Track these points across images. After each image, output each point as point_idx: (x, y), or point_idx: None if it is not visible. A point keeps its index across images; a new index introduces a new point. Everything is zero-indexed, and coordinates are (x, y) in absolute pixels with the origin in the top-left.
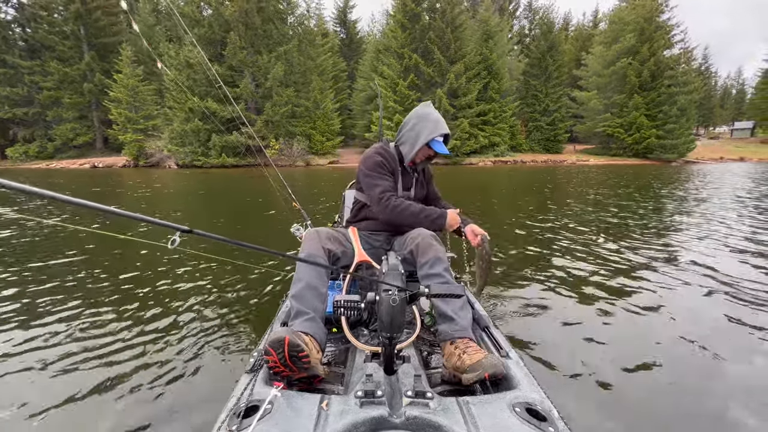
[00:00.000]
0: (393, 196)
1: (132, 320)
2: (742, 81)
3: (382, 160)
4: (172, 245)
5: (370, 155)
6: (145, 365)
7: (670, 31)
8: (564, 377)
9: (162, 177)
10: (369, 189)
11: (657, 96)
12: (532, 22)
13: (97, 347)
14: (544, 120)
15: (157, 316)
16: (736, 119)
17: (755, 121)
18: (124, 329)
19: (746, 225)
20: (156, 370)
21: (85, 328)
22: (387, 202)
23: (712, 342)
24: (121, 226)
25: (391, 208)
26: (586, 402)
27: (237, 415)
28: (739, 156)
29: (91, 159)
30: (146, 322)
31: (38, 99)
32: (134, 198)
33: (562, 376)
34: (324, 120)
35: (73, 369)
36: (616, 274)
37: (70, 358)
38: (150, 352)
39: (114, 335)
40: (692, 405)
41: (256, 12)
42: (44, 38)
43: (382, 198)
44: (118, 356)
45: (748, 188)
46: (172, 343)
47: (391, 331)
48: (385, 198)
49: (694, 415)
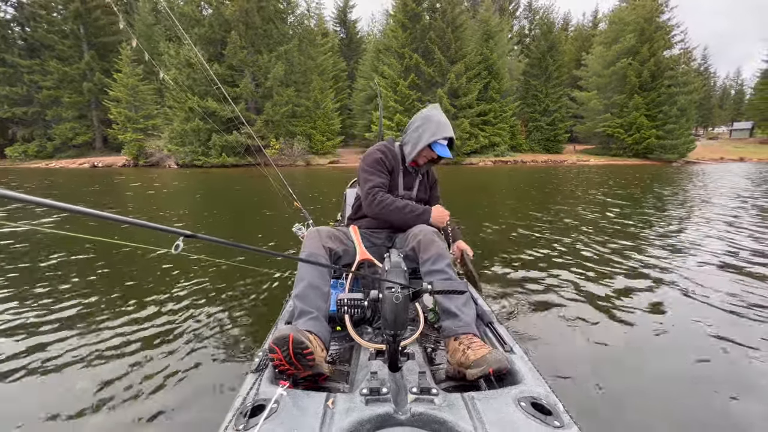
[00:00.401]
0: (380, 192)
1: (136, 323)
2: (741, 81)
3: (382, 157)
4: (175, 250)
5: (371, 152)
6: (150, 367)
7: (670, 31)
8: (568, 371)
9: (162, 177)
10: (361, 185)
11: (657, 96)
12: (532, 22)
13: (103, 350)
14: (544, 120)
15: (161, 319)
16: (735, 120)
17: (754, 121)
18: (129, 332)
19: (753, 226)
20: (162, 372)
21: (90, 331)
22: (373, 198)
23: (716, 340)
24: (120, 231)
25: (377, 203)
26: (591, 395)
27: (244, 414)
28: (739, 156)
29: (90, 158)
30: (151, 324)
31: (37, 98)
32: (136, 198)
33: (567, 370)
34: (324, 120)
35: (79, 371)
36: (619, 272)
37: (76, 360)
38: (155, 354)
39: (119, 337)
40: (697, 399)
41: (256, 11)
42: (43, 37)
43: (369, 193)
44: (124, 358)
45: (753, 189)
46: (177, 344)
47: (395, 329)
48: (372, 194)
49: (698, 409)
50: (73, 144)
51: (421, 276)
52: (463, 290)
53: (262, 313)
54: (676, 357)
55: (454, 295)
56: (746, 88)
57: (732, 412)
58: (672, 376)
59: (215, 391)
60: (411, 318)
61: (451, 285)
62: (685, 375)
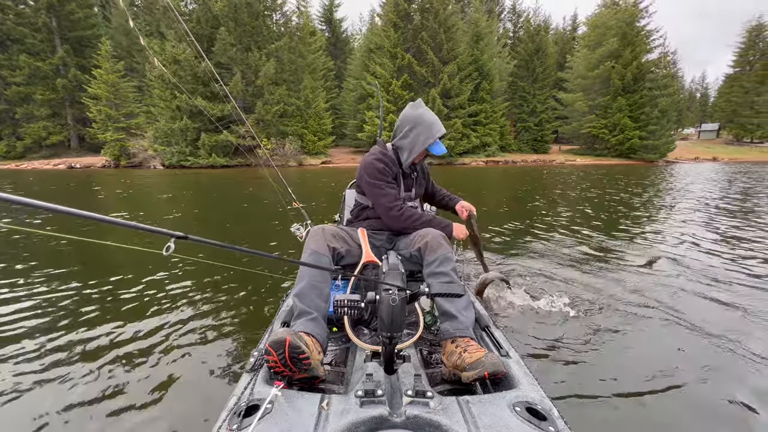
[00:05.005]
0: (404, 205)
1: (130, 323)
2: (706, 85)
3: (384, 167)
4: (166, 252)
5: (372, 162)
6: (143, 367)
7: (649, 35)
8: (564, 377)
9: (148, 178)
10: (376, 198)
11: (639, 98)
12: (516, 24)
13: (95, 350)
14: (531, 121)
15: (154, 319)
16: (703, 121)
17: (720, 123)
18: (121, 332)
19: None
20: (155, 372)
21: (83, 332)
22: (398, 213)
23: (718, 339)
24: (111, 232)
25: (405, 218)
26: (586, 401)
27: (237, 414)
28: (713, 156)
29: (66, 159)
30: (144, 324)
31: (6, 95)
32: (121, 200)
33: (562, 375)
34: (316, 119)
35: (74, 372)
36: (619, 273)
37: (69, 361)
38: (149, 354)
39: (111, 338)
40: (697, 406)
41: (244, 7)
42: (12, 29)
43: (392, 208)
44: (118, 359)
45: (743, 187)
46: (171, 344)
47: (391, 331)
48: (396, 208)
49: (696, 418)
50: (46, 144)
51: (420, 278)
52: (461, 294)
53: (256, 313)
54: (676, 363)
55: (453, 298)
56: (711, 92)
57: (733, 420)
58: (670, 383)
59: (209, 389)
60: (412, 321)
61: (449, 288)
62: (685, 382)
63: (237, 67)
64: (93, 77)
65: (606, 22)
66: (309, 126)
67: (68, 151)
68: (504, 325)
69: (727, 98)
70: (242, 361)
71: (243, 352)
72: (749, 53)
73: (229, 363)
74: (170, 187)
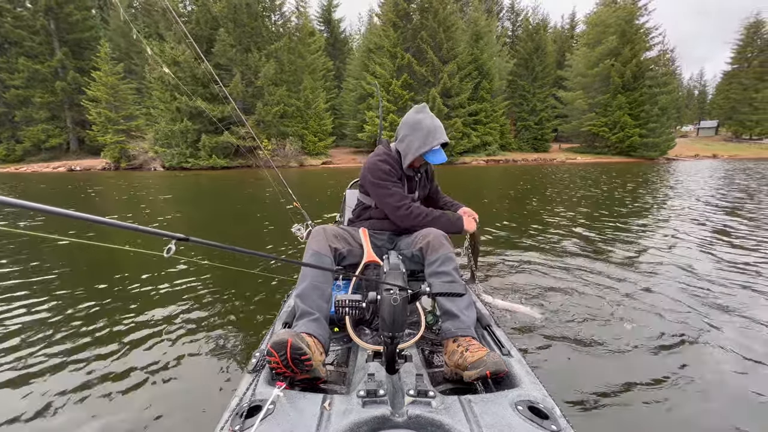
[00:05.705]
0: (413, 204)
1: (130, 323)
2: (704, 82)
3: (389, 168)
4: (167, 254)
5: (376, 163)
6: (145, 368)
7: (648, 33)
8: (566, 375)
9: (149, 180)
10: (382, 198)
11: (639, 96)
12: (514, 23)
13: (96, 351)
14: (531, 119)
15: (155, 320)
16: (701, 118)
17: (718, 120)
18: (122, 333)
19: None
20: (157, 373)
21: (84, 333)
22: (407, 212)
23: (724, 339)
24: (111, 234)
25: (414, 216)
26: (588, 400)
27: (240, 415)
28: (712, 153)
29: (65, 162)
30: (145, 325)
31: (4, 98)
32: (122, 202)
33: (564, 374)
34: (316, 120)
35: (76, 372)
36: (621, 273)
37: (72, 363)
38: (150, 355)
39: (112, 339)
40: (699, 405)
41: (243, 8)
42: (10, 32)
43: (400, 207)
44: (118, 360)
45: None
46: (172, 346)
47: (393, 330)
48: (404, 207)
49: (700, 414)
50: (45, 147)
51: (422, 278)
52: (462, 293)
53: (258, 314)
54: (680, 362)
55: (454, 297)
56: (709, 89)
57: (737, 419)
58: (674, 382)
59: (211, 391)
60: (414, 321)
61: (450, 287)
62: (687, 379)
63: (236, 68)
64: (92, 79)
65: (605, 20)
66: (309, 126)
67: (68, 153)
68: (505, 325)
69: (725, 95)
70: (244, 362)
71: (245, 353)
72: (747, 50)
73: (230, 364)
74: (171, 188)
